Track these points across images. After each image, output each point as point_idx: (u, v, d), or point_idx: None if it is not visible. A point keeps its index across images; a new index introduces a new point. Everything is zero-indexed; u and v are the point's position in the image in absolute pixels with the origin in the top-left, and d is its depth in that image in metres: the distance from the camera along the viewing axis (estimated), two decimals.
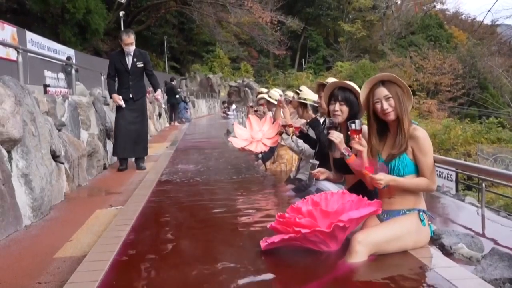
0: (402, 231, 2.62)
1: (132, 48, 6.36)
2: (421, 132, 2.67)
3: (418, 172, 2.69)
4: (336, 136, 3.03)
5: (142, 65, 6.45)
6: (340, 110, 3.24)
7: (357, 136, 2.78)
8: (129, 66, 6.39)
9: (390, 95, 2.69)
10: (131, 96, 6.41)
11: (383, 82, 2.74)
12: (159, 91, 6.82)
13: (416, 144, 2.65)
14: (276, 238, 2.59)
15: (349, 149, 3.01)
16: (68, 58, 13.65)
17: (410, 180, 2.68)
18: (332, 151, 3.36)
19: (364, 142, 2.80)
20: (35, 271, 2.73)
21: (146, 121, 6.83)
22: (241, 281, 2.31)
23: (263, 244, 2.65)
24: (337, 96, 3.24)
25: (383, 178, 2.59)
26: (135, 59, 6.39)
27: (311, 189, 3.79)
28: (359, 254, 2.47)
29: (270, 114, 6.08)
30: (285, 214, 2.64)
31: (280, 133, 4.97)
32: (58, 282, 2.55)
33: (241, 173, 5.93)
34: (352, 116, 3.20)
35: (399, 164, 2.67)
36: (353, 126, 2.79)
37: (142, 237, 3.17)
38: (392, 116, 2.70)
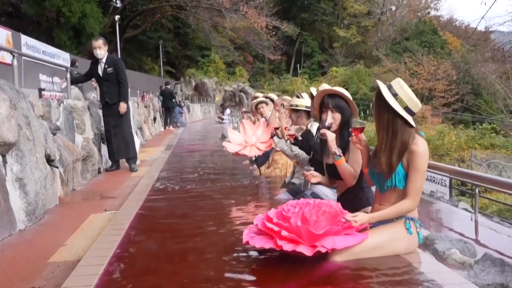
0: (383, 240, 2.58)
1: (101, 52, 6.59)
2: (419, 147, 2.55)
3: None
4: (329, 134, 3.06)
5: (112, 70, 6.64)
6: (333, 118, 3.23)
7: (356, 136, 2.78)
8: (101, 72, 6.69)
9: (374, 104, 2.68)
10: (106, 100, 6.69)
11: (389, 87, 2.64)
12: (122, 104, 6.62)
13: (411, 158, 2.55)
14: (256, 244, 2.59)
15: (341, 150, 3.03)
16: (73, 62, 13.60)
17: (390, 210, 2.62)
18: (326, 156, 3.36)
19: (363, 143, 2.80)
20: (29, 275, 2.73)
21: (126, 124, 6.90)
22: (226, 282, 2.34)
23: (245, 239, 2.67)
24: (328, 104, 3.22)
25: (358, 219, 2.55)
26: (106, 66, 6.65)
27: (306, 193, 3.81)
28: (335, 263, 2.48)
29: (263, 119, 6.08)
30: (272, 218, 2.62)
31: (271, 136, 4.98)
32: (52, 286, 2.55)
33: (235, 178, 5.94)
34: (345, 121, 3.22)
35: (395, 178, 2.60)
36: (357, 124, 2.79)
37: (136, 241, 3.16)
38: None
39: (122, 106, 6.64)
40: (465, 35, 53.87)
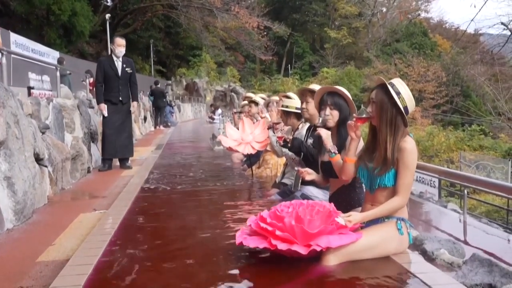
0: (376, 240, 2.60)
1: (123, 51, 6.79)
2: (408, 144, 2.59)
3: None
4: (323, 133, 3.08)
5: (131, 71, 6.88)
6: (331, 114, 3.27)
7: (356, 124, 2.76)
8: (119, 71, 6.75)
9: (374, 99, 2.67)
10: (120, 99, 6.78)
11: (381, 85, 2.66)
12: (135, 104, 7.02)
13: (401, 155, 2.58)
14: (250, 244, 2.60)
15: (336, 147, 3.05)
16: (60, 61, 13.49)
17: (382, 209, 2.64)
18: (322, 154, 3.37)
19: (358, 133, 2.80)
20: (17, 275, 2.71)
21: (132, 123, 7.25)
22: (217, 285, 2.32)
23: (238, 240, 2.66)
24: (327, 101, 3.28)
25: (352, 219, 2.58)
26: (124, 65, 6.81)
27: (297, 194, 3.81)
28: (330, 263, 2.49)
29: (263, 119, 6.06)
30: (266, 219, 2.62)
31: (268, 127, 4.98)
32: (41, 286, 2.53)
33: (226, 178, 5.92)
34: (343, 119, 3.24)
35: (385, 176, 2.63)
36: (364, 114, 2.74)
37: (125, 241, 3.14)
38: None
39: (135, 106, 7.02)
40: (454, 37, 54.29)
